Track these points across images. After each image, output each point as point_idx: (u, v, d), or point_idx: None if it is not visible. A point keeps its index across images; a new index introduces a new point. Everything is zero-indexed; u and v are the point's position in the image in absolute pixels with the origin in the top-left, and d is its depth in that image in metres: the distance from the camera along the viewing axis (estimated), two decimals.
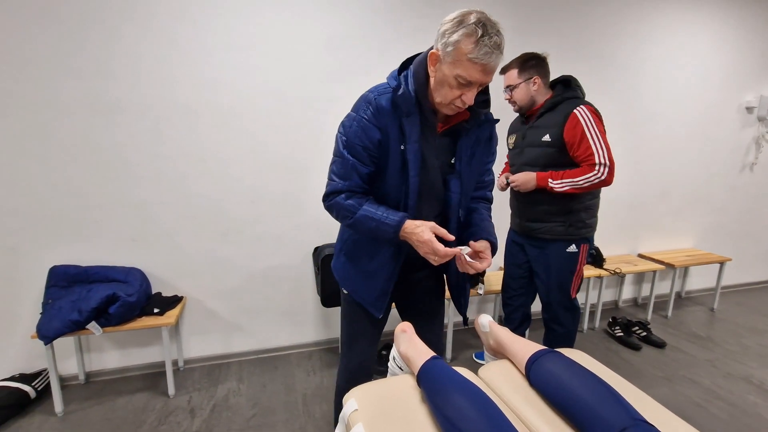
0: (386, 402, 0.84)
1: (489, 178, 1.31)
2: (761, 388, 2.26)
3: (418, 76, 1.06)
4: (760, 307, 3.36)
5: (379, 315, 1.31)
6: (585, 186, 1.73)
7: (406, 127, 1.07)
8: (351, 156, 1.10)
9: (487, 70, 0.97)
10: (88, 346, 2.19)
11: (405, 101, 1.05)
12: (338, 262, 1.38)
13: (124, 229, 2.10)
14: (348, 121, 1.12)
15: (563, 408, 0.75)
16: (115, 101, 1.98)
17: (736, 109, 3.29)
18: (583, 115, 1.70)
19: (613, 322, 2.87)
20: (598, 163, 1.70)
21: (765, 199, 3.61)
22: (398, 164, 1.11)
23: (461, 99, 1.02)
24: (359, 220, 1.11)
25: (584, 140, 1.70)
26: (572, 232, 1.85)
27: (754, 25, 3.11)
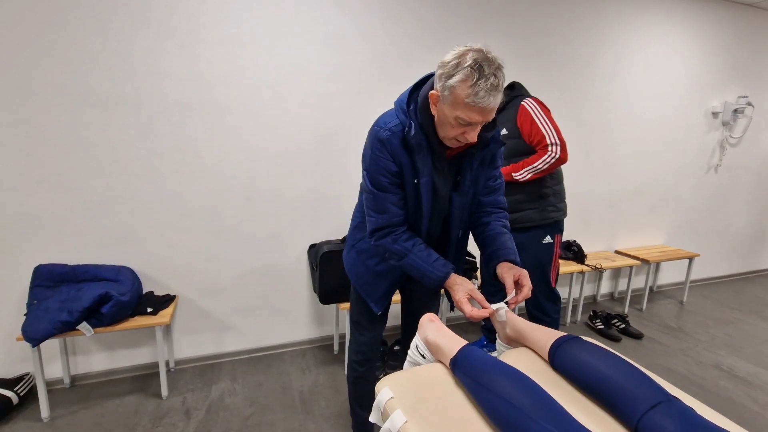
0: (421, 388, 0.86)
1: (498, 182, 1.33)
2: (731, 374, 2.43)
3: (423, 113, 1.09)
4: (724, 299, 3.60)
5: (378, 312, 1.44)
6: (544, 168, 1.92)
7: (419, 163, 1.12)
8: (379, 191, 1.16)
9: (486, 111, 0.98)
10: (74, 349, 2.10)
11: (417, 140, 1.09)
12: (350, 256, 1.46)
13: (113, 227, 2.03)
14: (367, 160, 1.18)
15: (592, 388, 0.80)
16: (106, 95, 1.91)
17: (703, 114, 3.51)
18: (529, 105, 1.95)
19: (593, 316, 3.01)
20: (550, 143, 1.89)
21: (728, 199, 3.87)
22: (413, 195, 1.18)
23: (464, 136, 1.04)
24: (406, 265, 1.19)
25: (534, 125, 1.92)
26: (546, 216, 2.02)
27: (718, 37, 3.33)
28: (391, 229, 1.19)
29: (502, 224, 1.30)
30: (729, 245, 4.02)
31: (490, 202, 1.33)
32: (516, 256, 1.21)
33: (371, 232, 1.22)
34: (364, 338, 1.51)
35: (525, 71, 2.71)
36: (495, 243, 1.24)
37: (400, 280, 1.40)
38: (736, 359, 2.60)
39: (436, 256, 1.18)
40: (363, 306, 1.46)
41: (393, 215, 1.17)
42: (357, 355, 1.54)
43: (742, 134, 3.68)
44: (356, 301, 1.49)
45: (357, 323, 1.52)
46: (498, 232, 1.26)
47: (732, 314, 3.29)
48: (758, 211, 4.09)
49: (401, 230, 1.20)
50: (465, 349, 0.87)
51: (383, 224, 1.18)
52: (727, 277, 4.11)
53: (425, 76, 1.15)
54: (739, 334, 2.96)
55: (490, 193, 1.33)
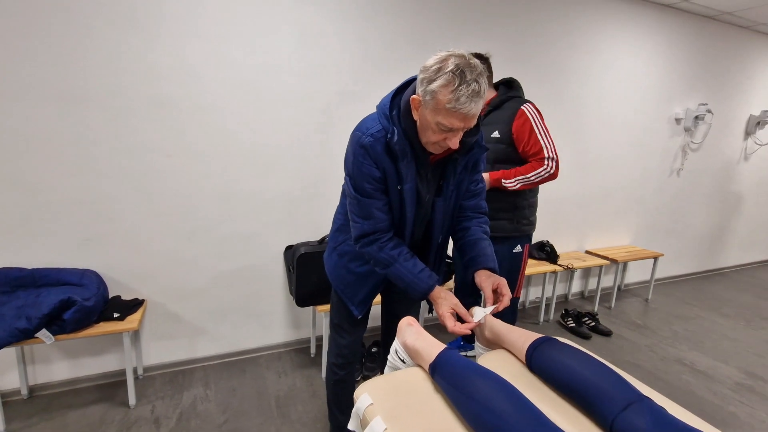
0: (400, 394, 0.86)
1: (479, 187, 1.33)
2: (692, 368, 2.55)
3: (406, 118, 1.09)
4: (685, 297, 3.78)
5: (359, 316, 1.42)
6: (536, 181, 1.85)
7: (403, 170, 1.11)
8: (363, 196, 1.14)
9: (468, 117, 0.98)
10: (32, 358, 1.98)
11: (400, 147, 1.08)
12: (331, 258, 1.44)
13: (76, 228, 1.93)
14: (349, 165, 1.16)
15: (568, 389, 0.82)
16: (73, 89, 1.81)
17: (667, 120, 3.67)
18: (530, 112, 1.84)
19: (565, 314, 3.09)
20: (547, 158, 1.82)
21: (689, 202, 4.06)
22: (396, 201, 1.17)
23: (446, 142, 1.04)
24: (391, 275, 1.19)
25: (533, 135, 1.83)
26: (518, 229, 1.98)
27: (681, 46, 3.49)
28: (376, 236, 1.17)
29: (483, 230, 1.30)
30: (690, 245, 4.23)
31: (471, 206, 1.33)
32: (495, 264, 1.22)
33: (356, 239, 1.20)
34: (345, 341, 1.49)
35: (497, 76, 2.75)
36: (474, 249, 1.24)
37: (381, 283, 1.39)
38: (697, 354, 2.73)
39: (421, 266, 1.18)
40: (344, 309, 1.44)
41: (378, 221, 1.16)
42: (337, 359, 1.52)
43: (702, 140, 3.88)
44: (337, 304, 1.47)
45: (338, 326, 1.49)
46: (478, 238, 1.26)
47: (692, 311, 3.46)
48: (717, 213, 4.31)
49: (387, 237, 1.18)
50: (444, 353, 0.87)
51: (369, 230, 1.17)
52: (689, 276, 4.32)
53: (407, 80, 1.14)
54: (699, 330, 3.11)
55: (473, 197, 1.33)
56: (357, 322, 1.47)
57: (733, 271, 4.64)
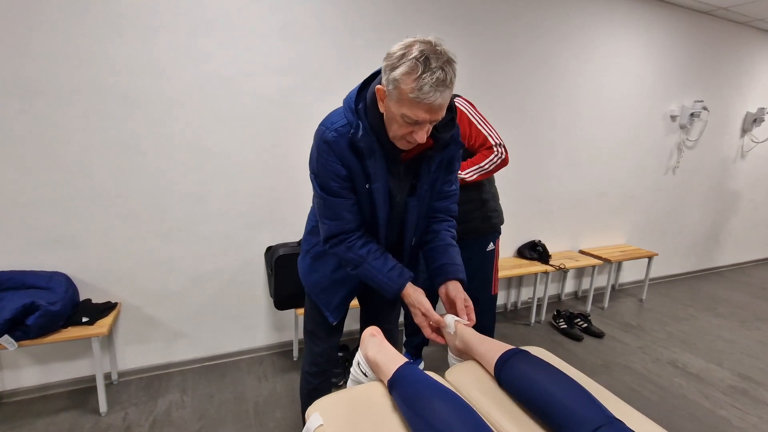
0: (354, 413, 0.79)
1: (453, 189, 1.26)
2: (685, 371, 2.49)
3: (372, 112, 1.01)
4: (680, 297, 3.72)
5: (334, 322, 1.35)
6: (490, 169, 1.83)
7: (371, 169, 1.04)
8: (330, 195, 1.08)
9: (433, 108, 0.90)
10: (0, 363, 1.91)
11: (366, 143, 1.01)
12: (304, 262, 1.37)
13: (44, 229, 1.86)
14: (314, 163, 1.09)
15: (536, 408, 0.75)
16: (34, 83, 1.73)
17: (662, 117, 3.60)
18: (462, 105, 1.80)
19: (557, 315, 3.03)
20: (495, 144, 1.81)
21: (685, 200, 4.00)
22: (366, 201, 1.10)
23: (412, 136, 0.96)
24: (362, 275, 1.13)
25: (473, 126, 1.80)
26: (489, 224, 1.96)
27: (677, 42, 3.42)
28: (344, 236, 1.11)
29: (451, 235, 1.25)
30: (685, 244, 4.16)
31: (442, 208, 1.26)
32: (464, 274, 1.17)
33: (325, 240, 1.14)
34: (320, 349, 1.42)
35: (494, 73, 2.69)
36: (444, 256, 1.18)
37: (357, 287, 1.33)
38: (690, 356, 2.67)
39: (391, 264, 1.12)
40: (318, 315, 1.37)
41: (346, 222, 1.10)
42: (312, 367, 1.45)
43: (698, 137, 3.81)
44: (311, 310, 1.40)
45: (312, 333, 1.43)
46: (448, 244, 1.21)
47: (687, 311, 3.40)
48: (712, 212, 4.25)
49: (355, 236, 1.12)
50: (402, 369, 0.80)
51: (338, 231, 1.11)
52: (684, 275, 4.26)
53: (375, 72, 1.05)
54: (693, 330, 3.05)
55: (445, 198, 1.26)
56: (332, 329, 1.40)
57: (729, 270, 4.58)
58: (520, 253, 3.16)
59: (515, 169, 2.90)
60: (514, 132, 2.87)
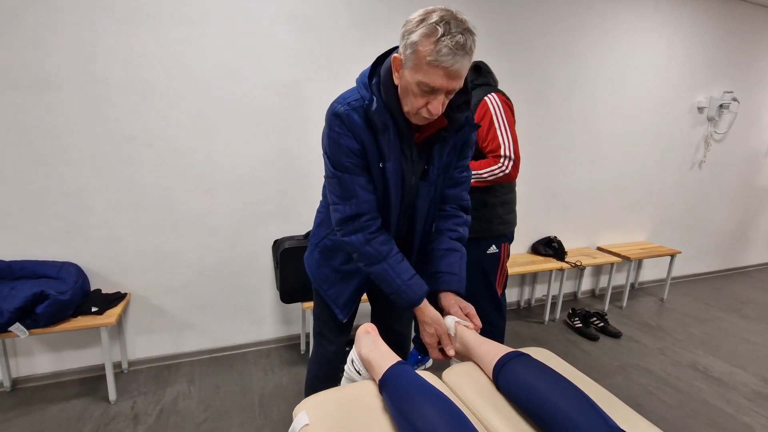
0: (343, 413, 0.76)
1: (464, 175, 1.19)
2: (706, 375, 2.38)
3: (387, 87, 0.97)
4: (704, 296, 3.56)
5: (344, 319, 1.28)
6: (489, 179, 1.67)
7: (384, 146, 0.99)
8: (343, 172, 1.01)
9: (451, 74, 0.86)
10: (15, 350, 1.96)
11: (380, 118, 0.96)
12: (312, 257, 1.30)
13: (56, 220, 1.89)
14: (325, 140, 1.04)
15: (534, 415, 0.71)
16: (45, 76, 1.75)
17: (688, 109, 3.43)
18: (492, 103, 1.63)
19: (572, 314, 2.94)
20: (503, 156, 1.63)
21: (711, 196, 3.81)
22: (379, 181, 1.04)
23: (427, 109, 0.91)
24: (378, 273, 1.05)
25: (492, 129, 1.63)
26: (489, 229, 1.77)
27: (705, 30, 3.24)
28: (363, 223, 1.03)
29: (457, 235, 1.17)
30: (711, 242, 3.98)
31: (453, 196, 1.19)
32: (462, 286, 1.11)
33: (339, 223, 1.05)
34: (328, 351, 1.36)
35: (508, 61, 2.60)
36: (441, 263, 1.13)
37: (368, 281, 1.24)
38: (713, 359, 2.55)
39: (412, 271, 1.06)
40: (328, 314, 1.30)
41: (363, 201, 1.02)
42: (319, 371, 1.38)
43: (727, 130, 3.62)
44: (320, 308, 1.33)
45: (321, 335, 1.36)
46: (447, 248, 1.14)
47: (711, 312, 3.25)
48: (741, 209, 4.05)
49: (375, 227, 1.04)
50: (393, 369, 0.77)
51: (352, 213, 1.02)
52: (708, 275, 4.08)
53: (390, 49, 1.02)
54: (717, 332, 2.91)
55: (456, 185, 1.19)
56: (341, 327, 1.33)
57: (756, 270, 4.37)
58: (534, 250, 3.08)
59: (529, 162, 2.81)
60: (528, 123, 2.77)
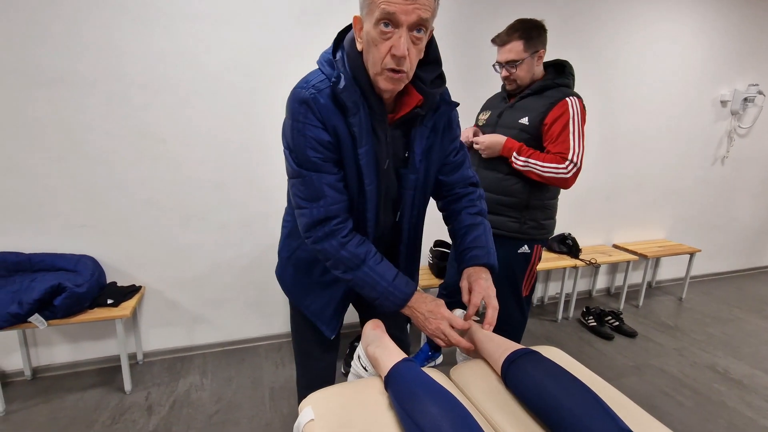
0: (348, 409, 0.75)
1: (460, 155, 1.11)
2: (725, 377, 2.31)
3: (352, 58, 0.87)
4: (724, 296, 3.46)
5: (331, 335, 1.15)
6: (546, 176, 1.58)
7: (355, 128, 0.88)
8: (308, 170, 0.90)
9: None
10: (35, 340, 2.02)
11: (349, 95, 0.86)
12: (285, 273, 1.19)
13: (73, 214, 1.93)
14: (288, 132, 0.91)
15: (543, 415, 0.69)
16: (58, 73, 1.78)
17: (711, 103, 3.32)
18: (573, 106, 1.56)
19: (586, 312, 2.88)
20: (569, 160, 1.55)
21: (734, 192, 3.69)
22: (353, 171, 0.93)
23: (391, 55, 0.81)
24: (358, 279, 0.95)
25: (565, 131, 1.55)
26: (525, 231, 1.70)
27: (729, 21, 3.11)
28: (333, 226, 0.92)
29: (475, 210, 1.09)
30: (732, 240, 3.86)
31: (457, 180, 1.11)
32: (491, 257, 1.01)
33: (307, 229, 0.94)
34: (316, 369, 1.23)
35: None
36: (465, 240, 1.04)
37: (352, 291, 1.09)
38: (732, 360, 2.48)
39: (395, 270, 0.96)
40: (311, 331, 1.16)
41: (332, 202, 0.91)
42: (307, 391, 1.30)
43: (751, 124, 3.49)
44: (302, 326, 1.20)
45: (305, 354, 1.23)
46: (469, 224, 1.05)
47: (731, 312, 3.16)
48: (765, 206, 3.90)
49: (347, 229, 0.94)
50: (398, 366, 0.76)
51: (321, 216, 0.91)
52: (729, 274, 3.96)
53: (349, 25, 0.93)
54: (737, 333, 2.83)
55: (455, 169, 1.10)
56: (329, 344, 1.20)
57: None
58: (548, 247, 3.02)
59: None
60: None
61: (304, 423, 0.72)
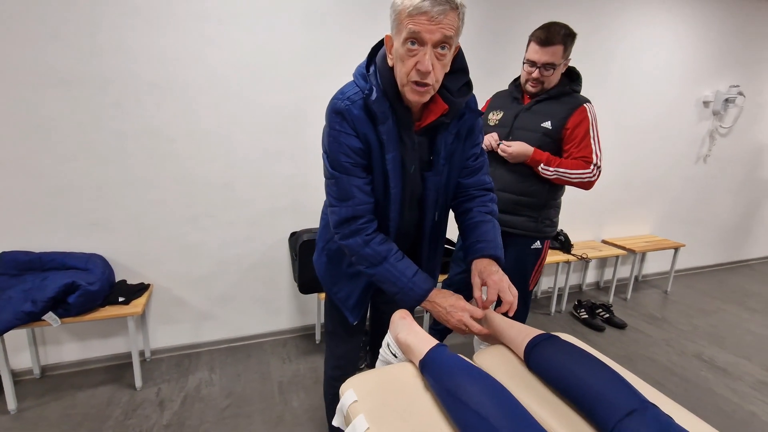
0: (386, 391, 0.82)
1: (480, 161, 1.18)
2: (711, 365, 2.45)
3: (384, 73, 0.96)
4: (708, 289, 3.63)
5: (354, 321, 1.26)
6: (572, 181, 1.67)
7: (384, 135, 0.97)
8: (340, 172, 1.00)
9: (433, 19, 0.82)
10: (43, 339, 2.02)
11: (379, 106, 0.95)
12: (320, 261, 1.31)
13: (82, 213, 1.94)
14: (325, 139, 1.02)
15: (567, 392, 0.76)
16: (70, 73, 1.79)
17: (694, 104, 3.46)
18: (591, 113, 1.66)
19: (578, 305, 3.00)
20: (594, 164, 1.65)
21: (715, 190, 3.86)
22: (380, 176, 1.03)
23: (417, 69, 0.88)
24: (379, 275, 1.02)
25: (587, 137, 1.65)
26: (540, 229, 1.79)
27: (710, 24, 3.26)
28: (359, 225, 1.02)
29: (487, 209, 1.16)
30: (715, 235, 4.04)
31: (472, 183, 1.18)
32: (497, 250, 1.08)
33: (336, 226, 1.04)
34: (342, 350, 1.36)
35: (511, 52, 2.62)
36: (473, 234, 1.11)
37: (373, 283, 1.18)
38: (717, 349, 2.62)
39: (415, 268, 1.03)
40: (338, 315, 1.30)
41: (359, 203, 1.01)
42: (335, 371, 1.38)
43: (732, 124, 3.66)
44: (331, 309, 1.33)
45: (333, 333, 1.36)
46: (479, 221, 1.12)
47: (715, 304, 3.32)
48: (745, 203, 4.10)
49: (372, 228, 1.03)
50: (434, 350, 0.82)
51: (348, 215, 1.01)
52: (712, 267, 4.14)
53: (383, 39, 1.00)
54: (721, 324, 2.98)
55: (473, 173, 1.18)
56: (353, 329, 1.33)
57: (761, 263, 4.42)
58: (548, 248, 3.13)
59: None
60: None
61: (348, 404, 0.78)
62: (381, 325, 1.41)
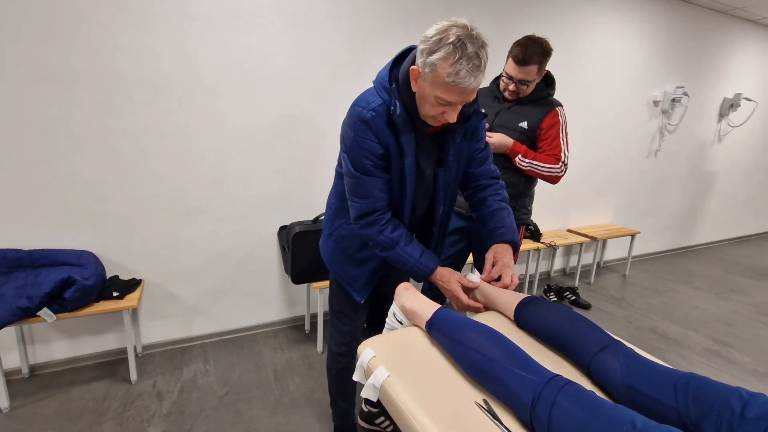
0: (400, 349, 0.94)
1: (485, 152, 1.32)
2: (664, 337, 2.74)
3: (405, 91, 1.07)
4: (660, 272, 3.99)
5: (360, 300, 1.39)
6: (542, 174, 1.87)
7: (404, 143, 1.10)
8: (363, 174, 1.12)
9: (467, 92, 0.96)
10: (32, 337, 2.01)
11: (401, 121, 1.07)
12: (327, 245, 1.41)
13: (72, 210, 1.94)
14: (348, 141, 1.12)
15: (552, 340, 0.92)
16: (61, 70, 1.79)
17: (645, 103, 3.80)
18: (562, 116, 1.86)
19: (547, 290, 3.25)
20: (562, 161, 1.86)
21: (666, 182, 4.24)
22: (397, 177, 1.16)
23: (443, 116, 1.02)
24: (392, 258, 1.18)
25: (557, 138, 1.85)
26: (518, 217, 1.97)
27: (660, 31, 3.60)
28: (375, 217, 1.16)
29: (500, 197, 1.31)
30: (665, 223, 4.43)
31: (481, 173, 1.32)
32: (514, 235, 1.25)
33: (355, 219, 1.18)
34: (347, 328, 1.46)
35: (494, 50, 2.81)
36: (492, 221, 1.27)
37: (382, 266, 1.35)
38: (669, 324, 2.92)
39: (421, 249, 1.19)
40: (344, 295, 1.40)
41: (377, 200, 1.14)
42: (340, 347, 1.49)
43: (678, 122, 4.03)
44: (337, 290, 1.43)
45: (339, 313, 1.46)
46: (496, 208, 1.27)
47: (666, 285, 3.66)
48: (691, 193, 4.51)
49: (385, 219, 1.17)
50: (440, 311, 0.96)
51: (367, 210, 1.15)
52: (664, 252, 4.54)
53: (405, 50, 1.11)
54: (672, 302, 3.31)
55: (480, 163, 1.31)
56: (359, 307, 1.44)
57: (705, 248, 4.88)
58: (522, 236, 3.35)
59: None
60: None
61: (368, 359, 0.90)
62: (380, 305, 1.53)
